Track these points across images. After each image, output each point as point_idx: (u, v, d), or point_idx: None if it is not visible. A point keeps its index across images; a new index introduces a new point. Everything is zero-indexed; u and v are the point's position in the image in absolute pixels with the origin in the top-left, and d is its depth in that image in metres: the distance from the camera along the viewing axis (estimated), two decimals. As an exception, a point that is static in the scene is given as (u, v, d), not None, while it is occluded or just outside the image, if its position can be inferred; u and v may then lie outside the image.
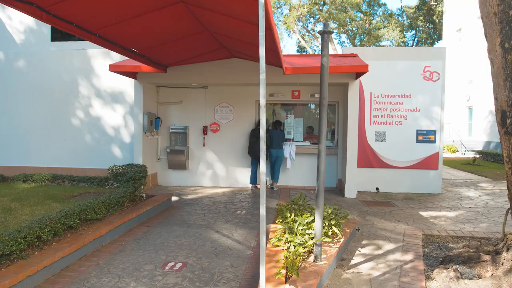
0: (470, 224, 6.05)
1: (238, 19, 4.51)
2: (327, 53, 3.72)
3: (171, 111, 9.45)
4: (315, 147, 9.17)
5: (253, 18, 4.17)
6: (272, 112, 9.76)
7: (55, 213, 4.33)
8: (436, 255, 4.63)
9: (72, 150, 9.83)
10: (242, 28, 4.91)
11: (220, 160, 9.38)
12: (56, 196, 6.25)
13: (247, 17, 4.40)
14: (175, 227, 5.75)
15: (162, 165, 9.44)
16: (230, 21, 4.73)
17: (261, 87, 2.91)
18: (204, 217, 6.41)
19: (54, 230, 4.09)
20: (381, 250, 4.82)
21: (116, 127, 9.79)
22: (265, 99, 2.93)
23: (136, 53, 6.11)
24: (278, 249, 4.08)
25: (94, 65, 9.74)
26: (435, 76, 8.66)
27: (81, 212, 4.60)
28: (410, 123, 8.76)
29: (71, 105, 9.81)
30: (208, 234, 5.39)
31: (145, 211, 6.05)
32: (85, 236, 4.46)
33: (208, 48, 6.95)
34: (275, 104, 9.72)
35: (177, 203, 7.46)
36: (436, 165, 8.76)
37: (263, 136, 3.03)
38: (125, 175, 6.33)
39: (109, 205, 5.26)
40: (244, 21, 4.52)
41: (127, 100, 9.73)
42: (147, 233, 5.39)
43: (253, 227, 5.81)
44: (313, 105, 9.64)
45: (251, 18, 4.29)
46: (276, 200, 7.80)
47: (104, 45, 5.18)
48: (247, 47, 6.11)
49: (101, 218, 5.09)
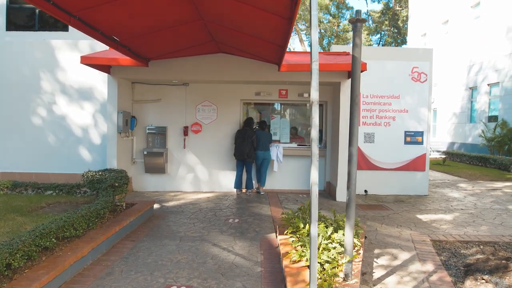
0: (471, 228, 5.91)
1: (248, 4, 3.96)
2: (359, 43, 3.29)
3: (148, 110, 8.65)
4: (303, 148, 8.79)
5: (267, 4, 3.66)
6: (259, 112, 9.27)
7: (26, 233, 3.53)
8: (455, 264, 4.37)
9: (33, 152, 8.73)
10: (251, 16, 4.35)
11: (202, 163, 8.73)
12: (21, 208, 5.33)
13: (261, 2, 3.84)
14: (165, 240, 5.08)
15: (137, 168, 8.61)
16: (236, 7, 4.16)
17: (314, 77, 2.40)
18: (194, 227, 5.77)
19: (27, 255, 3.32)
20: (398, 260, 4.48)
21: (84, 127, 8.82)
22: (317, 92, 2.42)
23: (118, 42, 5.35)
24: (299, 266, 3.59)
25: (59, 58, 8.72)
26: (422, 77, 8.59)
27: (58, 230, 3.83)
28: (398, 124, 8.63)
29: (32, 102, 8.72)
30: (205, 249, 4.78)
31: (128, 223, 5.32)
32: (64, 258, 3.70)
33: (196, 40, 6.32)
34: (260, 104, 9.23)
35: (159, 212, 6.74)
36: (423, 166, 8.70)
37: (316, 137, 2.52)
38: (103, 182, 5.54)
39: (90, 219, 4.49)
40: (256, 7, 3.97)
41: (97, 97, 8.80)
42: (134, 250, 4.68)
43: (253, 238, 5.27)
44: (302, 105, 9.27)
45: (266, 3, 3.76)
46: (267, 206, 7.32)
47: (84, 30, 4.41)
48: (246, 40, 5.56)
49: (80, 235, 4.32)
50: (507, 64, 15.35)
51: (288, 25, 3.88)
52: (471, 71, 18.06)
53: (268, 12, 3.82)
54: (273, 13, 3.78)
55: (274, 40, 4.88)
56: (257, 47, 5.85)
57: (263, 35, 4.86)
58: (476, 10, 18.05)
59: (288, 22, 3.79)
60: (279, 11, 3.60)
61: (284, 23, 3.89)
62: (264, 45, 5.40)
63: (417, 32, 25.17)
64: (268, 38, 4.89)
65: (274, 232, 5.55)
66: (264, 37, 4.94)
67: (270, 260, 4.40)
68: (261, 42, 5.27)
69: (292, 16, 3.63)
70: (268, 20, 4.11)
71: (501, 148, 14.87)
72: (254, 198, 8.02)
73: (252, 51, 6.33)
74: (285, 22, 3.87)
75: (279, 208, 7.08)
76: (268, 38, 4.89)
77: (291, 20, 3.73)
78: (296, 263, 3.66)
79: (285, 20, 3.82)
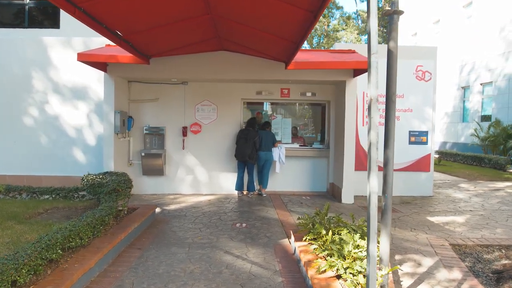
0: (487, 230, 5.78)
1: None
2: (395, 36, 3.08)
3: (145, 110, 8.29)
4: (305, 149, 8.57)
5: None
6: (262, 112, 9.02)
7: (31, 245, 3.19)
8: (482, 270, 4.20)
9: (24, 154, 8.28)
10: (270, 9, 4.06)
11: (202, 164, 8.42)
12: (17, 214, 4.93)
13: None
14: (173, 248, 4.77)
15: (134, 171, 8.23)
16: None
17: (372, 72, 2.15)
18: (201, 232, 5.48)
19: (33, 269, 2.98)
20: (422, 267, 4.28)
21: (78, 127, 8.41)
22: (376, 89, 2.17)
23: (121, 37, 5.01)
24: (327, 277, 3.35)
25: (52, 56, 8.29)
26: (427, 76, 8.48)
27: (64, 240, 3.50)
28: (402, 124, 8.49)
29: (23, 101, 8.26)
30: (218, 257, 4.50)
31: (132, 229, 4.99)
32: (71, 271, 3.37)
33: (200, 37, 6.02)
34: (261, 103, 8.99)
35: (162, 216, 6.41)
36: (428, 167, 8.59)
37: (375, 141, 2.27)
38: (105, 186, 5.19)
39: (95, 227, 4.16)
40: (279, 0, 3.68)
41: (92, 96, 8.40)
42: (142, 259, 4.37)
43: (266, 244, 5.01)
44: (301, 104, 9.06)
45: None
46: (272, 209, 7.07)
47: (88, 22, 4.08)
48: (256, 36, 5.28)
49: (86, 244, 3.98)
50: (500, 63, 15.47)
51: (312, 19, 3.63)
52: (463, 71, 18.18)
53: (291, 5, 3.56)
54: (297, 6, 3.52)
55: (289, 36, 4.64)
56: (266, 44, 5.59)
57: (278, 30, 4.60)
58: (468, 9, 18.18)
59: (313, 15, 3.55)
60: (304, 3, 3.34)
61: (308, 17, 3.64)
62: (275, 42, 5.15)
63: (407, 31, 25.29)
64: (283, 34, 4.64)
65: (286, 237, 5.31)
66: (278, 33, 4.69)
67: (289, 268, 4.15)
68: (272, 39, 5.01)
69: (319, 9, 3.38)
70: (289, 13, 3.85)
71: (495, 148, 14.97)
72: (257, 201, 7.76)
73: (260, 48, 6.07)
74: (309, 16, 3.62)
75: (285, 211, 6.84)
76: (283, 34, 4.64)
77: (317, 14, 3.48)
78: (323, 273, 3.42)
79: (309, 14, 3.57)
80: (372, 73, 2.18)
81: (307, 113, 9.20)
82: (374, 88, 2.22)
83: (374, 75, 2.19)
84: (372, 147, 2.26)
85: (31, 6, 8.89)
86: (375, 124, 2.25)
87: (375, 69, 2.16)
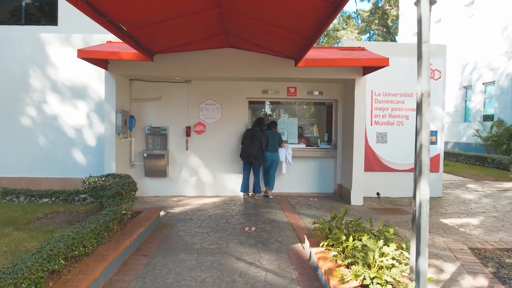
0: (504, 233, 5.59)
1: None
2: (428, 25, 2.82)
3: (147, 109, 8.04)
4: (312, 149, 8.35)
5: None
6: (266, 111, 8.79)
7: (30, 255, 2.93)
8: (508, 276, 4.00)
9: (22, 156, 8.00)
10: (286, 1, 3.81)
11: (206, 165, 8.17)
12: (15, 219, 4.65)
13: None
14: (181, 255, 4.53)
15: (136, 172, 7.98)
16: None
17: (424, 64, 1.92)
18: (209, 237, 5.24)
19: (34, 283, 2.73)
20: (445, 273, 4.07)
21: (78, 127, 8.14)
22: (428, 82, 1.95)
23: (125, 32, 4.75)
24: (351, 287, 3.12)
25: (50, 53, 8.01)
26: (436, 74, 8.28)
27: (67, 249, 3.25)
28: (411, 123, 8.29)
29: (21, 101, 7.98)
30: (229, 263, 4.26)
31: (138, 234, 4.74)
32: (75, 283, 3.12)
33: (206, 32, 5.78)
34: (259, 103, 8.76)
35: (166, 220, 6.16)
36: (437, 167, 8.39)
37: (426, 142, 2.04)
38: (109, 189, 4.94)
39: (99, 233, 3.91)
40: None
41: (92, 95, 8.13)
42: (149, 267, 4.12)
43: (278, 249, 4.78)
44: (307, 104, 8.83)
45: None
46: (280, 211, 6.84)
47: (90, 14, 3.83)
48: (266, 31, 5.03)
49: (89, 252, 3.73)
50: (503, 62, 15.33)
51: (332, 10, 3.39)
52: (465, 70, 18.04)
53: None
54: None
55: (303, 31, 4.41)
56: (277, 40, 5.35)
57: (292, 24, 4.36)
58: (470, 8, 18.04)
59: (334, 6, 3.31)
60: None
61: (328, 9, 3.41)
62: (287, 37, 4.92)
63: (408, 31, 25.14)
64: (297, 28, 4.40)
65: (298, 242, 5.09)
66: (291, 27, 4.46)
67: (306, 276, 3.92)
68: (285, 34, 4.78)
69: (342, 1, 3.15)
70: (306, 5, 3.61)
71: (498, 147, 14.82)
72: (264, 203, 7.53)
73: (269, 44, 5.84)
74: (328, 7, 3.39)
75: (294, 214, 6.61)
76: (297, 28, 4.41)
77: (340, 4, 3.25)
78: (346, 283, 3.19)
79: (329, 4, 3.34)
80: (423, 64, 1.95)
81: (313, 113, 8.97)
82: (426, 81, 1.98)
83: (426, 67, 1.95)
84: (423, 149, 2.03)
85: (27, 3, 8.61)
86: (426, 123, 2.01)
87: (427, 59, 1.92)
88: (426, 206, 2.11)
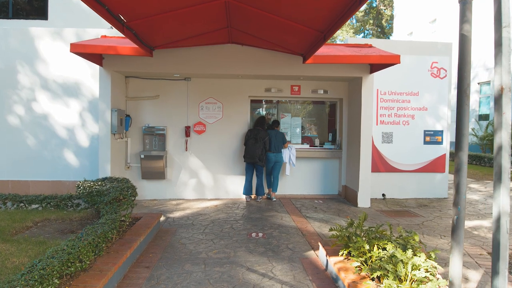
0: (522, 237, 5.37)
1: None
2: (470, 18, 2.55)
3: (144, 108, 7.64)
4: (316, 150, 8.05)
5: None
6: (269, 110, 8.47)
7: (18, 276, 2.54)
8: (538, 286, 3.76)
9: (9, 157, 7.53)
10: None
11: (207, 167, 7.81)
12: (2, 229, 4.23)
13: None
14: (186, 265, 4.18)
15: (132, 174, 7.59)
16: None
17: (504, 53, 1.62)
18: (214, 245, 4.90)
19: (26, 307, 2.36)
20: (470, 281, 3.81)
21: (70, 127, 7.70)
22: (509, 75, 1.65)
23: (124, 23, 4.38)
24: (384, 305, 2.82)
25: (40, 49, 7.56)
26: (442, 73, 8.06)
27: (62, 266, 2.87)
28: (417, 123, 8.07)
29: (8, 98, 7.51)
30: (240, 275, 3.93)
31: (138, 244, 4.38)
32: (74, 303, 2.76)
33: (209, 26, 5.42)
34: (269, 101, 8.43)
35: (166, 225, 5.80)
36: (443, 167, 8.19)
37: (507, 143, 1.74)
38: (106, 194, 4.56)
39: (97, 245, 3.53)
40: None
41: (85, 93, 7.70)
42: (152, 281, 3.76)
43: (290, 258, 4.47)
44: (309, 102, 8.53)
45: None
46: (286, 215, 6.52)
47: (88, 2, 3.45)
48: (274, 25, 4.68)
49: (86, 267, 3.36)
50: (501, 62, 15.28)
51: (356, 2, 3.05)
52: (461, 70, 17.97)
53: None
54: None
55: (318, 25, 4.09)
56: (286, 35, 5.03)
57: (307, 17, 4.04)
58: (466, 8, 17.96)
59: None
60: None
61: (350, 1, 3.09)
62: (299, 32, 4.60)
63: (403, 31, 25.10)
64: (312, 22, 4.09)
65: (311, 249, 4.78)
66: (305, 21, 4.14)
67: (326, 289, 3.62)
68: (297, 28, 4.46)
69: None
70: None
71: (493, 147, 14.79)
72: (268, 206, 7.21)
73: (277, 39, 5.51)
74: None
75: (301, 218, 6.31)
76: (311, 22, 4.09)
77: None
78: (376, 299, 2.89)
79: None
80: (504, 53, 1.66)
81: (317, 112, 8.68)
82: (507, 73, 1.69)
83: (507, 56, 1.66)
84: (503, 152, 1.74)
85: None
86: (507, 122, 1.73)
87: (507, 47, 1.62)
88: (506, 220, 1.82)
